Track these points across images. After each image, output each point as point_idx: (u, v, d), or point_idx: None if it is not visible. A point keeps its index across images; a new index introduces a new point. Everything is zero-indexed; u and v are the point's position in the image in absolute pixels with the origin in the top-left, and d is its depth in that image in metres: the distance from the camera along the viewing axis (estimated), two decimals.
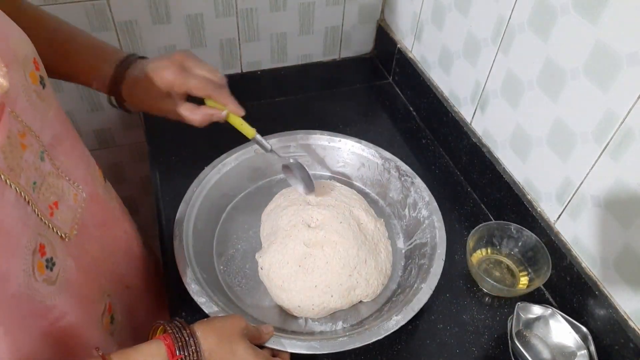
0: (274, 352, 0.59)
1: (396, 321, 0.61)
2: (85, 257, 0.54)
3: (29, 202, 0.43)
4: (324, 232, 0.68)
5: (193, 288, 0.63)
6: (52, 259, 0.47)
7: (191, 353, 0.48)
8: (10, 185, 0.41)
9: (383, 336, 0.60)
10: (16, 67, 0.43)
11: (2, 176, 0.40)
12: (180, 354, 0.48)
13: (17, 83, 0.43)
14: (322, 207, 0.72)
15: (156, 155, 0.89)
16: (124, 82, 0.65)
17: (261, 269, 0.69)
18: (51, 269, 0.46)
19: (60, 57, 0.64)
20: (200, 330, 0.51)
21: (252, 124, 0.69)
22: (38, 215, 0.45)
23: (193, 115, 0.65)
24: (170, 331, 0.49)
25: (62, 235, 0.49)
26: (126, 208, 0.71)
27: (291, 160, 0.74)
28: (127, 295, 0.65)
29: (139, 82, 0.64)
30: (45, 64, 0.57)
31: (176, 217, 0.72)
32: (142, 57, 0.67)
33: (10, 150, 0.41)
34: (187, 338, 0.49)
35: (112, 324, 0.59)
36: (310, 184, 0.74)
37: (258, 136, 0.70)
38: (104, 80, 0.65)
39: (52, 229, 0.48)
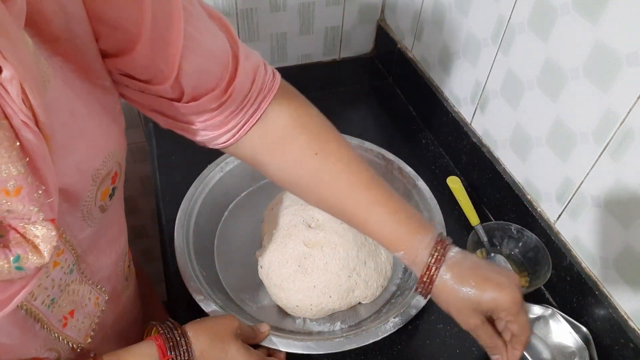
0: (270, 352, 0.59)
1: (394, 323, 0.61)
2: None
3: (38, 320, 0.40)
4: (324, 232, 0.68)
5: (192, 285, 0.63)
6: None
7: (182, 353, 0.48)
8: (22, 308, 0.38)
9: (380, 338, 0.60)
10: (90, 191, 0.39)
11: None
12: (171, 354, 0.47)
13: (79, 206, 0.39)
14: None
15: (156, 155, 0.89)
16: (443, 270, 0.50)
17: (260, 267, 0.69)
18: None
19: (354, 206, 0.53)
20: (192, 330, 0.51)
21: None
22: (47, 330, 0.42)
23: (491, 340, 0.51)
24: (161, 331, 0.49)
25: (74, 346, 0.47)
26: (137, 284, 0.66)
27: None
28: None
29: (462, 280, 0.50)
30: (326, 204, 0.51)
31: (177, 215, 0.72)
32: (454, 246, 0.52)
33: (38, 284, 0.38)
34: (178, 338, 0.49)
35: None
36: None
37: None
38: (417, 254, 0.51)
39: (64, 340, 0.45)
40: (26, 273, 0.33)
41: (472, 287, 0.49)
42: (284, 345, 0.59)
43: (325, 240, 0.68)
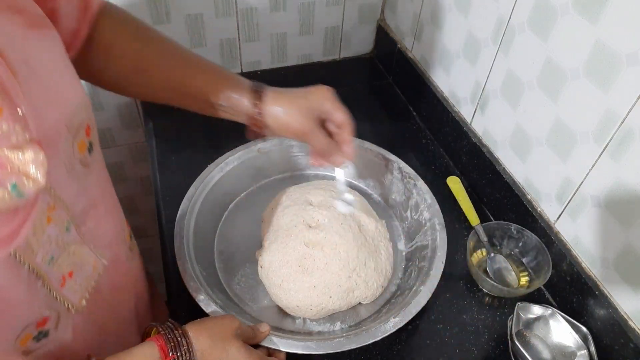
0: (270, 352, 0.59)
1: (394, 323, 0.61)
2: (90, 326, 0.52)
3: (40, 277, 0.41)
4: (325, 232, 0.68)
5: (192, 285, 0.63)
6: (47, 331, 0.45)
7: (184, 353, 0.48)
8: (24, 264, 0.39)
9: (380, 338, 0.60)
10: (66, 138, 0.42)
11: (17, 256, 0.38)
12: (172, 354, 0.48)
13: (60, 156, 0.42)
14: (323, 207, 0.72)
15: (156, 155, 0.89)
16: (268, 104, 0.62)
17: (261, 267, 0.69)
18: (38, 340, 0.44)
19: (180, 79, 0.62)
20: (193, 330, 0.51)
21: None
22: (48, 288, 0.43)
23: (323, 140, 0.64)
24: (162, 332, 0.49)
25: (69, 306, 0.47)
26: (142, 261, 0.69)
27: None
28: None
29: (287, 102, 0.63)
30: (158, 85, 0.57)
31: (178, 214, 0.72)
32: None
33: (33, 232, 0.39)
34: (179, 338, 0.49)
35: None
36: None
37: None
38: (239, 104, 0.62)
39: (61, 300, 0.46)
40: (26, 199, 0.36)
41: (297, 98, 0.62)
42: (284, 345, 0.59)
43: (326, 241, 0.68)
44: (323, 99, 0.63)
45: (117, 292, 0.58)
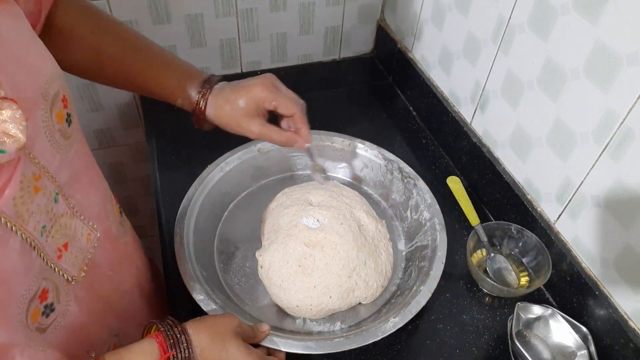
0: (269, 351, 0.59)
1: (394, 323, 0.61)
2: (93, 298, 0.53)
3: (34, 247, 0.42)
4: (325, 232, 0.68)
5: (192, 285, 0.63)
6: (51, 304, 0.46)
7: (183, 350, 0.48)
8: (16, 233, 0.39)
9: (380, 338, 0.60)
10: (43, 107, 0.42)
11: (8, 223, 0.38)
12: (172, 351, 0.48)
13: (39, 124, 0.42)
14: (323, 207, 0.72)
15: (156, 155, 0.89)
16: (211, 100, 0.65)
17: (261, 267, 0.69)
18: (47, 316, 0.45)
19: (136, 71, 0.65)
20: (192, 328, 0.51)
21: None
22: (44, 259, 0.44)
23: (280, 136, 0.67)
24: (162, 329, 0.49)
25: (69, 278, 0.48)
26: (138, 238, 0.70)
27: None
28: (139, 332, 0.59)
29: (228, 100, 0.65)
30: (115, 76, 0.58)
31: (177, 215, 0.72)
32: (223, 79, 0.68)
33: (20, 196, 0.39)
34: (178, 335, 0.49)
35: None
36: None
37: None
38: (189, 97, 0.65)
39: (59, 272, 0.46)
40: (9, 155, 0.37)
41: (235, 99, 0.64)
42: (284, 345, 0.59)
43: (326, 241, 0.68)
44: (262, 92, 0.64)
45: (115, 265, 0.59)
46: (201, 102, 0.65)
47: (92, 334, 0.54)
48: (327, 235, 0.68)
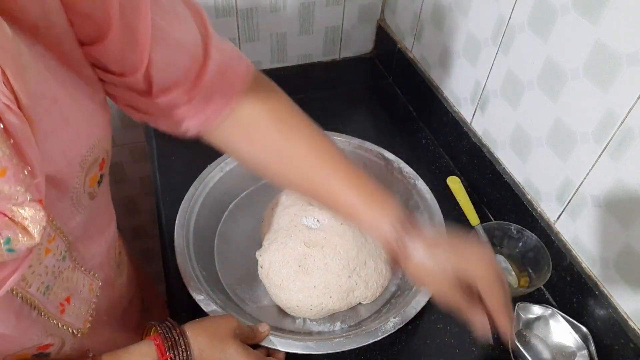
0: (269, 352, 0.59)
1: (394, 323, 0.61)
2: (96, 345, 0.52)
3: (35, 307, 0.41)
4: (325, 232, 0.68)
5: (192, 285, 0.63)
6: (48, 354, 0.45)
7: (181, 352, 0.48)
8: (17, 295, 0.38)
9: (380, 338, 0.60)
10: (78, 175, 0.40)
11: (12, 288, 0.37)
12: (169, 353, 0.48)
13: (68, 190, 0.40)
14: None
15: (156, 155, 0.89)
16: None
17: (261, 267, 0.69)
18: (38, 357, 0.45)
19: (317, 185, 0.55)
20: (191, 330, 0.51)
21: None
22: (46, 317, 0.43)
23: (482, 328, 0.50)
24: (160, 331, 0.49)
25: (75, 331, 0.47)
26: (136, 267, 0.69)
27: None
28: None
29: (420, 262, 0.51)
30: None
31: (178, 215, 0.72)
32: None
33: (29, 265, 0.38)
34: (176, 338, 0.49)
35: None
36: None
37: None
38: (380, 236, 0.53)
39: (63, 326, 0.46)
40: (18, 255, 0.34)
41: (446, 262, 0.49)
42: (283, 345, 0.59)
43: (326, 241, 0.68)
44: (481, 274, 0.49)
45: (116, 307, 0.58)
46: (397, 244, 0.51)
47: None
48: (327, 236, 0.68)
